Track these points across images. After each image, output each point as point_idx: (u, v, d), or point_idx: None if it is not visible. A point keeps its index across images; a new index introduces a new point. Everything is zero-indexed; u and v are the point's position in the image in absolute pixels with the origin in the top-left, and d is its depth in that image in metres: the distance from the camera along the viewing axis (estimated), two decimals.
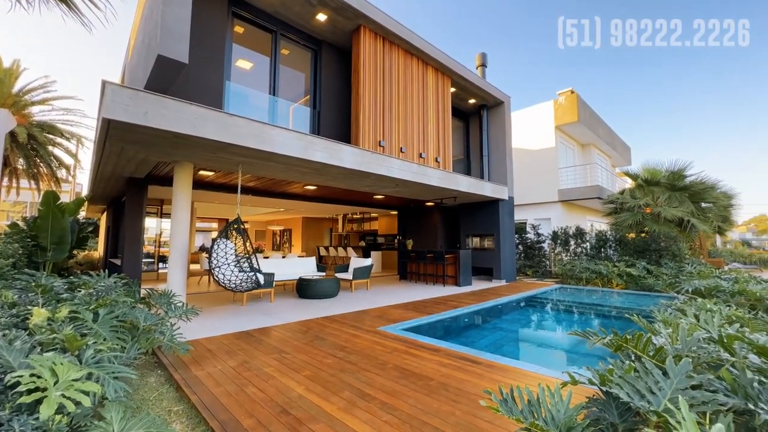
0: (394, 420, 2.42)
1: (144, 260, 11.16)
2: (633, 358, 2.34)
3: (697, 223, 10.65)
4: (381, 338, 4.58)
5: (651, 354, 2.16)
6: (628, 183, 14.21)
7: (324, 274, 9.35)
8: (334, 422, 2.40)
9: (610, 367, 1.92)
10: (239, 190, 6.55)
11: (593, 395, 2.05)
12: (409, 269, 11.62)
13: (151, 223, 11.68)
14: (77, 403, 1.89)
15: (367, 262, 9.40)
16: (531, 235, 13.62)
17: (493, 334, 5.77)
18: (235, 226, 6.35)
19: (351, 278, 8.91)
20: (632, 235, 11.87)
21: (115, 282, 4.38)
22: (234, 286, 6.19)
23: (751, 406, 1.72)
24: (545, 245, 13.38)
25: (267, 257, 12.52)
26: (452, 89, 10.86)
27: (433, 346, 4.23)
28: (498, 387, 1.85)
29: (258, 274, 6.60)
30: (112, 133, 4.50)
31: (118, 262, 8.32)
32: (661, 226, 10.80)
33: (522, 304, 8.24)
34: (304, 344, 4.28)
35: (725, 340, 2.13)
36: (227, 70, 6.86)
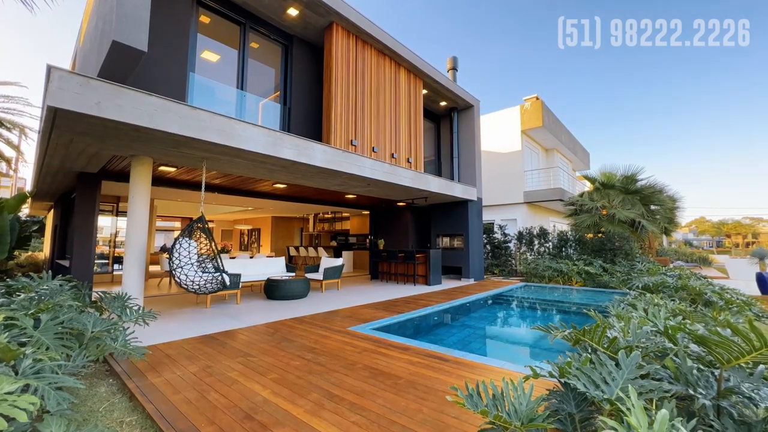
0: (363, 420, 2.40)
1: (97, 261, 10.40)
2: (590, 350, 2.48)
3: (647, 224, 11.48)
4: (351, 338, 4.54)
5: (605, 346, 2.29)
6: (587, 186, 15.06)
7: (294, 274, 9.15)
8: (301, 425, 2.34)
9: (569, 359, 2.01)
10: (203, 188, 6.26)
11: (553, 387, 2.14)
12: (380, 269, 11.64)
13: (105, 222, 10.90)
14: (11, 420, 1.71)
15: (338, 261, 9.31)
16: (498, 235, 14.09)
17: (462, 332, 5.90)
18: (200, 225, 6.06)
19: (321, 278, 8.78)
20: (590, 235, 12.60)
21: (61, 285, 4.03)
22: (197, 287, 5.90)
23: (691, 392, 1.87)
24: (511, 245, 13.90)
25: (233, 257, 12.08)
26: (424, 91, 11.01)
27: (403, 344, 4.25)
28: (464, 383, 1.89)
29: (224, 275, 6.34)
30: (59, 123, 4.15)
31: (66, 263, 7.69)
32: (615, 227, 11.55)
33: (489, 301, 8.49)
34: (272, 347, 4.16)
35: (669, 332, 2.30)
36: (191, 62, 6.54)
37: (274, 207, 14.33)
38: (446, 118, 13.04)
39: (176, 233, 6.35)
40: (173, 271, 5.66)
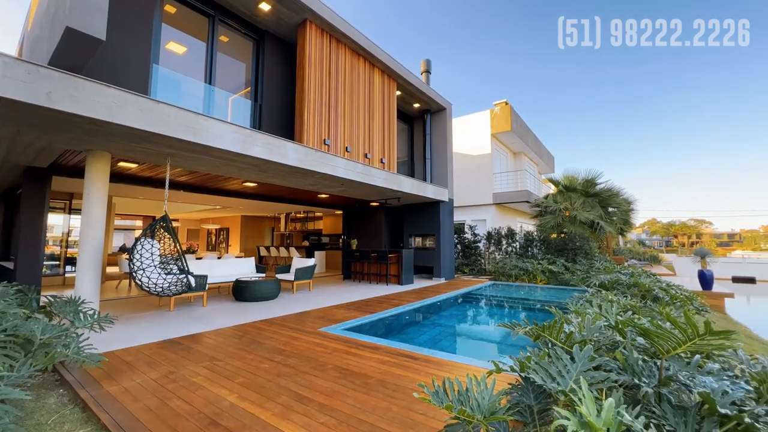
0: (332, 421, 2.41)
1: (46, 263, 9.65)
2: (549, 345, 2.62)
3: (605, 225, 12.23)
4: (322, 339, 4.52)
5: (563, 341, 2.44)
6: (552, 189, 15.82)
7: (264, 275, 8.94)
8: (269, 429, 2.31)
9: (529, 354, 2.13)
10: (167, 185, 5.98)
11: (515, 381, 2.25)
12: (353, 269, 11.62)
13: (56, 220, 10.12)
14: None
15: (310, 262, 9.20)
16: (468, 235, 14.48)
17: (432, 330, 6.02)
18: (163, 224, 5.78)
19: (293, 279, 8.64)
20: (554, 235, 13.25)
21: (3, 289, 3.72)
22: (160, 290, 5.63)
23: (637, 381, 2.03)
24: (481, 245, 14.33)
25: (200, 258, 11.62)
26: (398, 92, 11.11)
27: (374, 344, 4.28)
28: (431, 380, 1.95)
29: (189, 276, 6.10)
30: (2, 113, 3.82)
31: (10, 265, 7.08)
32: (577, 228, 12.21)
33: (459, 300, 8.72)
34: (239, 350, 4.05)
35: (620, 326, 2.49)
36: (155, 53, 6.23)
37: (244, 206, 13.92)
38: (419, 120, 13.23)
39: (138, 233, 6.03)
40: (134, 273, 5.37)
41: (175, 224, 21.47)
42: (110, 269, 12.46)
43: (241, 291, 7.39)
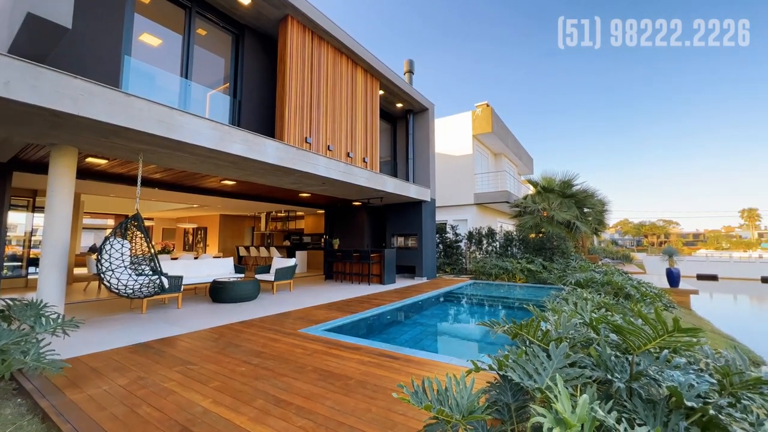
0: (310, 424, 2.36)
1: (8, 264, 9.09)
2: (527, 343, 2.66)
3: (580, 225, 12.63)
4: (302, 340, 4.44)
5: (539, 338, 2.48)
6: (531, 189, 16.21)
7: (243, 275, 8.73)
8: None
9: (507, 353, 2.15)
10: (139, 183, 5.73)
11: (494, 379, 2.27)
12: (335, 269, 11.52)
13: (18, 219, 9.55)
14: None
15: (291, 262, 9.05)
16: (450, 235, 14.64)
17: (413, 329, 6.04)
18: (135, 223, 5.54)
19: (273, 279, 8.48)
20: (533, 235, 13.57)
21: None
22: (131, 291, 5.38)
23: (609, 377, 2.08)
24: (462, 244, 14.51)
25: (175, 258, 11.24)
26: (381, 92, 11.08)
27: (355, 345, 4.24)
28: (411, 380, 1.93)
29: (162, 277, 5.86)
30: None
31: None
32: (554, 228, 12.56)
33: (441, 299, 8.79)
34: (215, 353, 3.93)
35: (594, 323, 2.55)
36: (127, 44, 5.96)
37: (222, 205, 13.56)
38: (402, 120, 13.26)
39: (109, 232, 5.75)
40: (102, 274, 5.11)
41: (148, 223, 20.73)
42: (78, 270, 11.87)
43: (218, 292, 7.18)
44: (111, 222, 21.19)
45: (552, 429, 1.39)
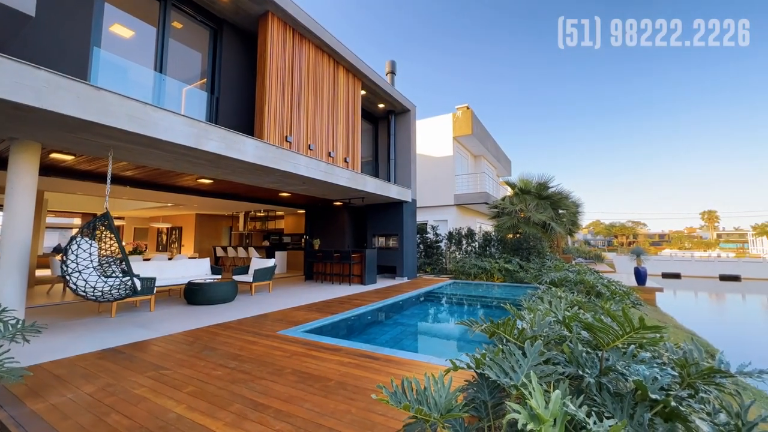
0: (288, 428, 2.33)
1: None
2: (504, 341, 2.73)
3: (555, 226, 13.06)
4: (280, 342, 4.37)
5: (515, 337, 2.55)
6: (509, 191, 16.61)
7: (219, 276, 8.50)
8: None
9: (484, 351, 2.20)
10: (109, 180, 5.47)
11: (472, 378, 2.31)
12: (315, 269, 11.41)
13: None
14: None
15: (270, 262, 8.90)
16: (430, 235, 14.79)
17: (394, 330, 6.06)
18: (105, 222, 5.29)
19: (251, 280, 8.30)
20: (510, 235, 13.92)
21: None
22: (99, 294, 5.13)
23: (581, 372, 2.17)
24: (442, 244, 14.70)
25: (148, 259, 10.82)
26: (363, 92, 11.07)
27: (334, 346, 4.22)
28: (391, 380, 1.95)
29: (134, 279, 5.63)
30: None
31: None
32: (530, 228, 12.93)
33: (421, 299, 8.87)
34: (190, 357, 3.81)
35: (566, 321, 2.65)
36: (96, 34, 5.68)
37: (198, 204, 13.16)
38: (384, 120, 13.28)
39: (75, 231, 5.48)
40: (67, 277, 4.85)
41: (119, 223, 19.83)
42: (41, 272, 11.22)
43: (193, 294, 6.97)
44: (78, 221, 20.13)
45: (526, 425, 1.43)
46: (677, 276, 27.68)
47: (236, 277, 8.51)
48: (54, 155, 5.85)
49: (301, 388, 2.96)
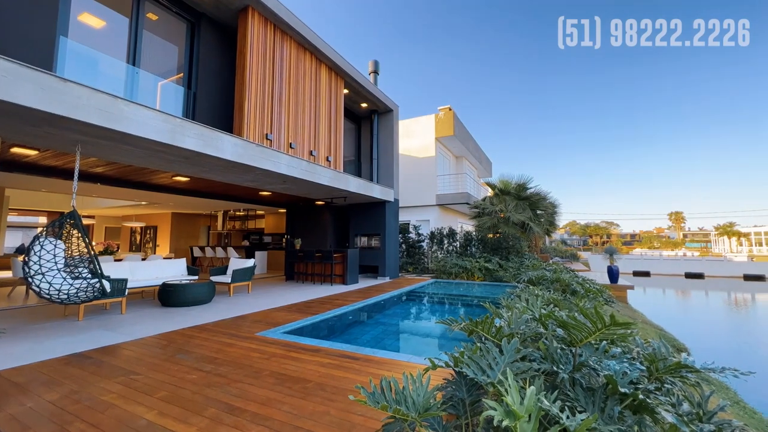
0: (265, 431, 2.28)
1: None
2: (482, 339, 2.77)
3: (533, 226, 13.40)
4: (259, 344, 4.28)
5: (493, 334, 2.59)
6: (489, 192, 16.91)
7: (196, 277, 8.26)
8: None
9: (462, 349, 2.22)
10: (76, 177, 5.21)
11: (450, 376, 2.33)
12: (296, 269, 11.26)
13: None
14: None
15: (249, 262, 8.71)
16: (413, 235, 14.88)
17: (375, 329, 6.06)
18: (71, 221, 5.03)
19: (229, 281, 8.10)
20: (491, 235, 14.18)
21: None
22: (65, 297, 4.87)
23: (555, 368, 2.23)
24: (424, 244, 14.81)
25: (119, 259, 10.40)
26: (345, 91, 11.00)
27: (314, 346, 4.17)
28: (369, 380, 1.94)
29: (103, 281, 5.38)
30: None
31: None
32: (510, 228, 13.21)
33: (403, 298, 8.90)
34: (163, 361, 3.67)
35: (542, 319, 2.71)
36: (63, 23, 5.39)
37: (174, 202, 12.74)
38: (367, 120, 13.26)
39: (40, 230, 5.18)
40: (30, 279, 4.58)
41: (88, 222, 18.92)
42: (2, 274, 10.56)
43: (168, 295, 6.73)
44: (43, 220, 19.08)
45: (502, 421, 1.45)
46: (647, 274, 28.97)
47: (214, 278, 8.28)
48: (15, 150, 5.53)
49: (280, 391, 2.91)
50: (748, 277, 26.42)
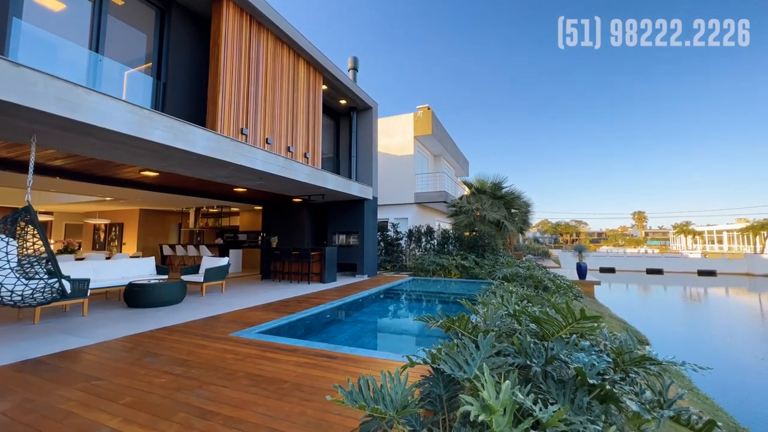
0: None
1: None
2: (459, 335, 2.82)
3: (508, 225, 13.78)
4: (233, 345, 4.16)
5: (470, 331, 2.63)
6: (466, 191, 17.23)
7: (166, 277, 7.91)
8: None
9: (440, 346, 2.24)
10: (31, 170, 4.84)
11: (428, 372, 2.35)
12: (272, 268, 11.02)
13: None
14: None
15: (223, 261, 8.44)
16: (391, 233, 14.93)
17: (353, 327, 6.03)
18: (26, 217, 4.67)
19: (202, 280, 7.82)
20: (467, 233, 14.46)
21: None
22: (19, 299, 4.54)
23: (528, 362, 2.29)
24: (403, 242, 14.90)
25: (81, 258, 9.82)
26: (324, 87, 10.85)
27: (291, 346, 4.10)
28: (347, 379, 1.92)
29: (62, 281, 5.05)
30: None
31: None
32: (486, 227, 13.52)
33: (381, 296, 8.91)
34: (129, 365, 3.49)
35: (516, 314, 2.79)
36: (16, 3, 4.99)
37: (142, 198, 12.12)
38: (346, 117, 13.14)
39: None
40: None
41: (46, 218, 17.69)
42: None
43: (135, 296, 6.41)
44: None
45: (479, 416, 1.48)
46: (612, 270, 30.49)
47: (185, 277, 7.97)
48: None
49: (254, 392, 2.83)
50: (701, 272, 28.36)
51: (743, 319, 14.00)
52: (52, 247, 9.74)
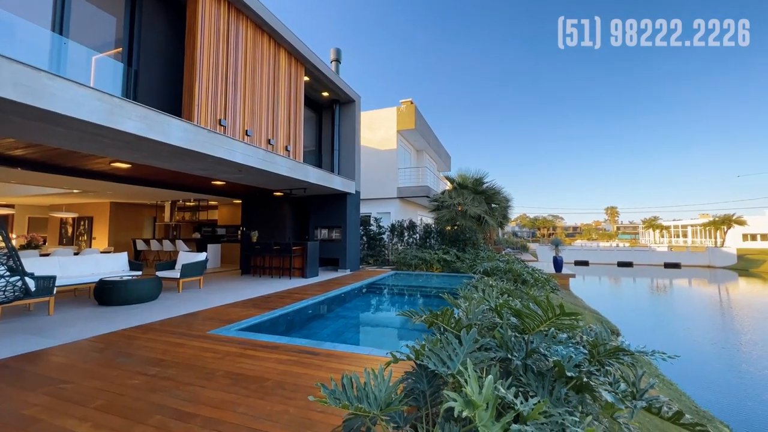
0: None
1: None
2: (442, 330, 2.84)
3: (489, 219, 14.02)
4: (212, 343, 4.05)
5: (452, 326, 2.66)
6: (448, 185, 17.38)
7: (140, 273, 7.62)
8: None
9: (423, 342, 2.25)
10: None
11: (411, 368, 2.36)
12: (253, 263, 10.81)
13: None
14: None
15: (201, 256, 8.20)
16: (374, 228, 14.91)
17: (336, 323, 6.00)
18: None
19: (179, 276, 7.57)
20: (449, 228, 14.62)
21: None
22: None
23: (510, 356, 2.34)
24: (385, 236, 14.92)
25: (46, 254, 9.32)
26: (306, 78, 10.62)
27: (273, 343, 4.03)
28: (330, 377, 1.89)
29: (25, 279, 4.77)
30: None
31: None
32: (467, 221, 13.71)
33: (363, 290, 8.91)
34: (100, 366, 3.34)
35: (498, 309, 2.83)
36: None
37: (114, 191, 11.57)
38: (328, 109, 12.93)
39: None
40: None
41: (6, 211, 16.63)
42: None
43: (106, 293, 6.13)
44: None
45: (462, 411, 1.49)
46: (586, 263, 31.70)
47: (160, 273, 7.69)
48: None
49: (235, 392, 2.77)
50: (667, 265, 29.90)
51: (703, 309, 14.89)
52: (14, 242, 9.19)
